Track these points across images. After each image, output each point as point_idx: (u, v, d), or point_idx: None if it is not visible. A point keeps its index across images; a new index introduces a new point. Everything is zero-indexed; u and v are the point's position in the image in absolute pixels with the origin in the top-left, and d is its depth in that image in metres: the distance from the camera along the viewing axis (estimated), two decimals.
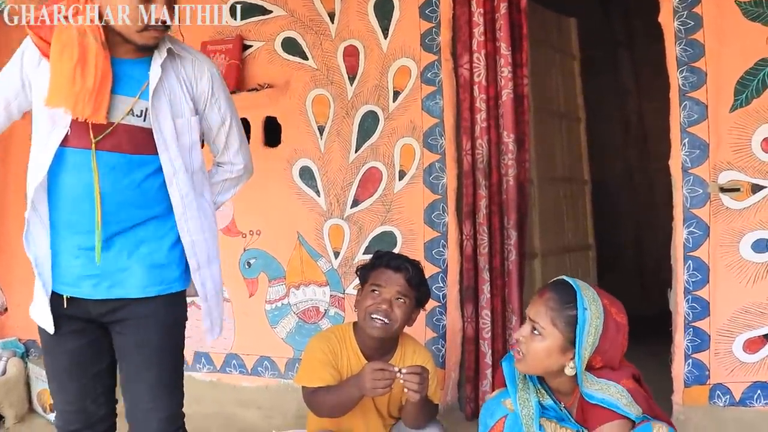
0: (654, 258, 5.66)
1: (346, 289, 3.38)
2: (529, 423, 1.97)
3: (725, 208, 2.91)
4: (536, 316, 1.94)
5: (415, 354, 2.58)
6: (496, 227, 3.08)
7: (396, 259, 2.52)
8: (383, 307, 2.43)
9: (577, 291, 1.92)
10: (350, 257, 3.35)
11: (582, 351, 1.88)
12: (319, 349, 2.51)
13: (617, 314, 1.93)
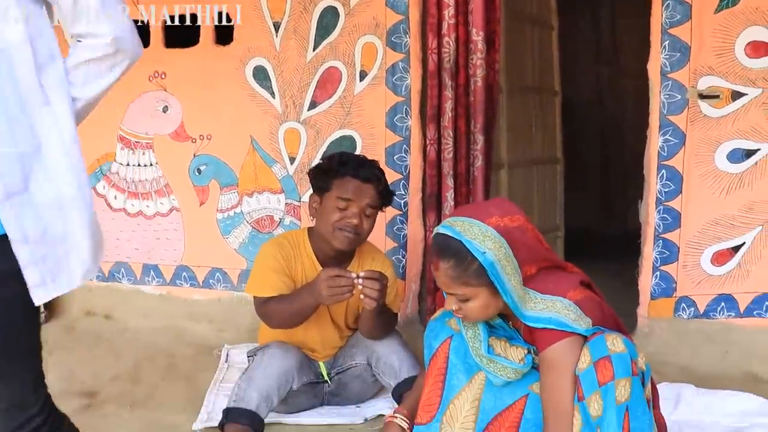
0: (620, 177, 5.54)
1: (302, 197, 3.15)
2: (477, 344, 1.80)
3: (703, 115, 2.73)
4: (450, 288, 1.71)
5: (374, 261, 2.39)
6: (462, 131, 2.86)
7: (363, 166, 2.29)
8: (353, 222, 2.22)
9: (463, 241, 1.66)
10: (307, 163, 3.10)
11: (508, 288, 1.67)
12: (272, 256, 2.30)
13: (511, 221, 1.69)
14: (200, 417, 2.38)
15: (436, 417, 1.85)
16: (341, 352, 2.46)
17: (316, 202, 2.31)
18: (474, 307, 1.73)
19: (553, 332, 1.68)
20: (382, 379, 2.36)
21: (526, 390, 1.80)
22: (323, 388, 2.44)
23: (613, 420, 1.61)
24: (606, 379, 1.62)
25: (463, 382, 1.84)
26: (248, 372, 2.20)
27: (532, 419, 1.78)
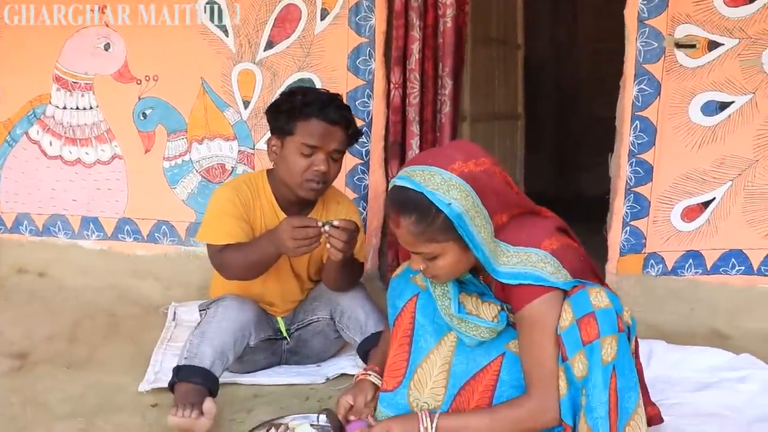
0: (574, 139, 5.47)
1: (256, 144, 2.91)
2: (446, 303, 1.62)
3: (679, 65, 2.61)
4: (414, 247, 1.52)
5: (339, 205, 2.19)
6: (429, 75, 2.67)
7: (329, 105, 2.02)
8: (321, 170, 2.00)
9: (425, 192, 1.45)
10: (262, 107, 2.84)
11: (478, 241, 1.49)
12: (228, 200, 2.07)
13: (476, 165, 1.49)
14: (146, 377, 2.16)
15: (403, 383, 1.68)
16: (301, 306, 2.26)
17: (276, 145, 2.07)
18: (443, 266, 1.54)
19: (530, 288, 1.50)
20: (346, 335, 2.18)
21: (501, 349, 1.64)
22: (281, 346, 2.24)
23: (599, 381, 1.46)
24: (591, 337, 1.46)
25: (431, 344, 1.67)
26: (201, 326, 1.99)
27: (509, 381, 1.62)
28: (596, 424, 1.46)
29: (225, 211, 2.05)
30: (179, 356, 1.95)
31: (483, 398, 1.64)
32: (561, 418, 1.50)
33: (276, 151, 2.07)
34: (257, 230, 2.10)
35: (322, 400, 2.09)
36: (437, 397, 1.66)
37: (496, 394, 1.63)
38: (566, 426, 1.50)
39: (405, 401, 1.67)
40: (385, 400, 1.69)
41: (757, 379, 2.16)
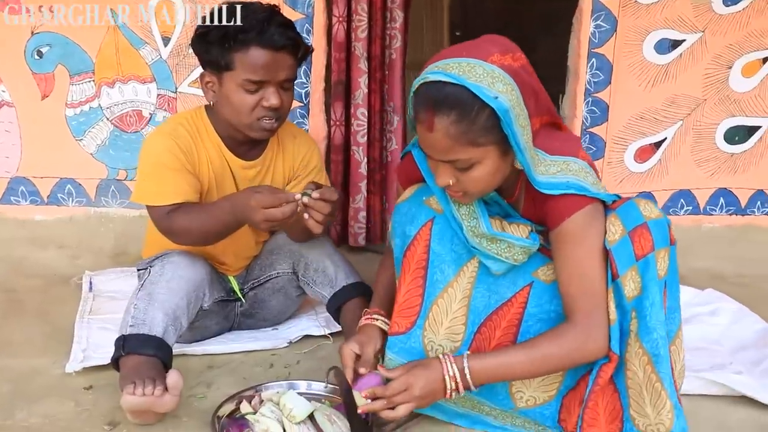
0: None
1: (179, 87, 2.52)
2: (473, 222, 1.38)
3: (634, 1, 2.48)
4: (450, 153, 1.27)
5: (296, 140, 1.86)
6: (378, 6, 2.39)
7: (269, 27, 1.62)
8: (273, 104, 1.65)
9: (467, 85, 1.21)
10: (185, 44, 2.46)
11: (521, 142, 1.26)
12: (166, 150, 1.68)
13: (513, 59, 1.26)
14: (73, 356, 1.76)
15: (417, 323, 1.42)
16: (256, 261, 1.94)
17: (212, 82, 1.70)
18: (478, 177, 1.29)
19: (572, 198, 1.31)
20: (312, 290, 1.88)
21: (529, 278, 1.43)
22: (234, 308, 1.92)
23: (657, 298, 1.29)
24: (645, 250, 1.30)
25: (449, 275, 1.42)
26: (146, 287, 1.62)
27: (536, 314, 1.42)
28: (656, 346, 1.29)
29: (164, 163, 1.67)
30: (122, 324, 1.59)
31: (506, 335, 1.43)
32: (609, 347, 1.32)
33: (213, 89, 1.70)
34: (205, 181, 1.75)
35: (290, 366, 1.80)
36: (455, 337, 1.42)
37: (522, 329, 1.42)
38: (613, 356, 1.32)
39: (419, 345, 1.42)
40: (396, 344, 1.43)
41: (726, 312, 2.16)
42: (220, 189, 1.77)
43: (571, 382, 1.41)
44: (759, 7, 2.56)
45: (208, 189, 1.76)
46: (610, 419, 1.35)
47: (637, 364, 1.31)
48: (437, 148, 1.28)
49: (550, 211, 1.34)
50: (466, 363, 1.31)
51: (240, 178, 1.79)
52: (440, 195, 1.42)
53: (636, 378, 1.32)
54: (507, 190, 1.42)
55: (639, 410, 1.32)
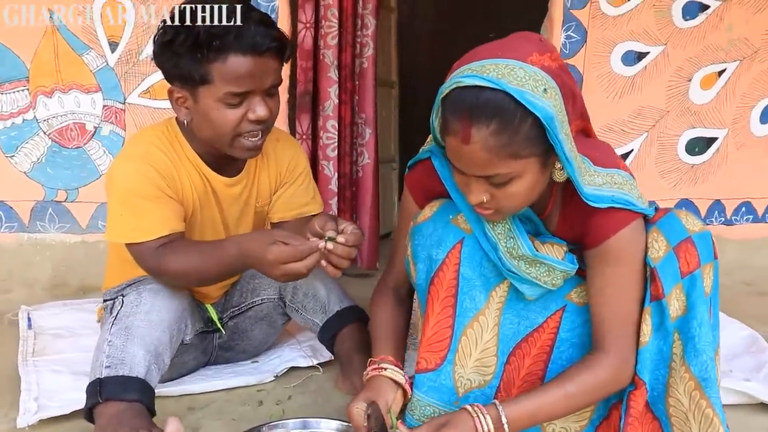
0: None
1: (128, 97, 2.26)
2: (510, 243, 1.22)
3: (602, 13, 2.46)
4: (486, 169, 1.10)
5: (278, 143, 1.62)
6: (349, 11, 2.24)
7: (247, 28, 1.36)
8: (260, 116, 1.40)
9: (509, 90, 1.05)
10: (135, 50, 2.22)
11: (567, 152, 1.11)
12: (143, 178, 1.41)
13: (551, 59, 1.12)
14: (24, 407, 1.46)
15: (448, 357, 1.25)
16: (235, 287, 1.71)
17: (184, 98, 1.42)
18: (516, 193, 1.12)
19: (619, 214, 1.16)
20: (302, 317, 1.67)
21: (562, 301, 1.28)
22: (213, 340, 1.69)
23: (705, 317, 1.18)
24: (691, 267, 1.18)
25: (480, 302, 1.26)
26: (121, 321, 1.37)
27: (568, 338, 1.28)
28: (705, 369, 1.17)
29: (142, 193, 1.40)
30: (93, 366, 1.33)
31: (536, 363, 1.28)
32: (636, 373, 1.19)
33: (187, 105, 1.43)
34: (189, 205, 1.50)
35: (282, 402, 1.58)
36: (486, 370, 1.26)
37: (554, 356, 1.28)
38: (640, 383, 1.20)
39: (450, 381, 1.25)
40: (425, 383, 1.25)
41: None
42: (204, 211, 1.54)
43: (603, 411, 1.28)
44: (714, 22, 2.60)
45: (192, 213, 1.52)
46: None
47: (682, 390, 1.19)
48: (473, 162, 1.09)
49: (593, 227, 1.19)
50: (502, 413, 1.14)
51: (224, 196, 1.56)
52: (468, 212, 1.26)
53: (680, 406, 1.20)
54: (539, 205, 1.26)
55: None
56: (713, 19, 2.59)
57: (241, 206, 1.60)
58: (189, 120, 1.45)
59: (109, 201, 1.46)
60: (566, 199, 1.23)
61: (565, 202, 1.24)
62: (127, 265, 1.51)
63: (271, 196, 1.64)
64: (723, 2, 2.59)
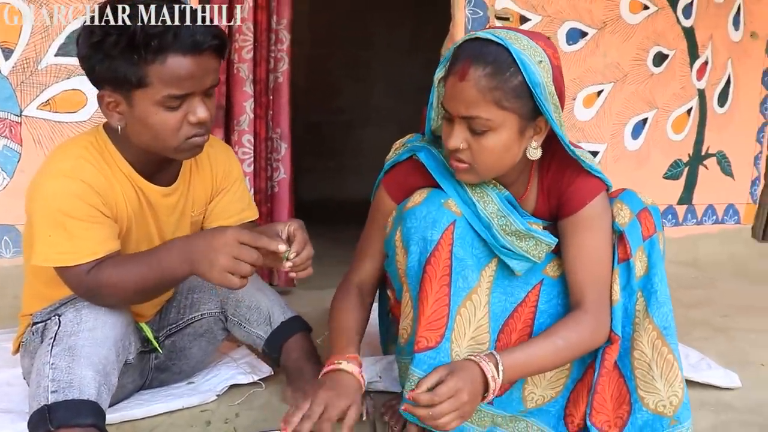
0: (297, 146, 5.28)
1: (24, 109, 2.06)
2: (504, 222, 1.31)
3: None
4: (471, 107, 1.20)
5: (211, 149, 1.52)
6: (264, 26, 2.20)
7: (186, 27, 1.25)
8: (202, 118, 1.31)
9: (511, 49, 1.19)
10: (33, 58, 2.03)
11: (552, 114, 1.23)
12: (74, 197, 1.28)
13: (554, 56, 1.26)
14: None
15: (446, 335, 1.28)
16: (171, 304, 1.60)
17: (116, 102, 1.31)
18: (491, 146, 1.23)
19: (595, 182, 1.33)
20: (244, 331, 1.59)
21: (540, 275, 1.40)
22: (149, 361, 1.57)
23: (664, 274, 1.33)
24: (650, 232, 1.34)
25: (473, 281, 1.32)
26: (62, 341, 1.23)
27: (546, 310, 1.40)
28: (666, 318, 1.32)
29: (73, 214, 1.27)
30: (35, 393, 1.19)
31: (522, 337, 1.38)
32: (612, 329, 1.33)
33: (120, 110, 1.31)
34: (123, 221, 1.39)
35: (230, 421, 1.51)
36: (480, 348, 1.31)
37: (535, 328, 1.38)
38: (615, 337, 1.33)
39: (449, 358, 1.27)
40: (425, 361, 1.26)
41: None
42: (139, 226, 1.43)
43: (577, 374, 1.39)
44: (592, 48, 2.85)
45: (126, 229, 1.41)
46: (617, 405, 1.35)
47: (646, 341, 1.33)
48: (462, 99, 1.20)
49: (570, 196, 1.33)
50: (499, 360, 1.21)
51: (160, 207, 1.46)
52: (458, 197, 1.33)
53: (643, 357, 1.33)
54: (517, 187, 1.37)
55: (648, 389, 1.33)
56: (591, 44, 2.84)
57: (177, 217, 1.51)
58: (123, 126, 1.33)
59: (34, 222, 1.31)
60: (542, 177, 1.37)
61: (542, 179, 1.37)
62: (50, 287, 1.37)
63: (206, 205, 1.57)
64: (599, 30, 2.85)
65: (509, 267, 1.35)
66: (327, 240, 1.30)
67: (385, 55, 5.41)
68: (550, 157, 1.33)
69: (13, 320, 1.74)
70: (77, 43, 1.29)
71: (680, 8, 2.98)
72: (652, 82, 3.00)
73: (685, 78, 3.07)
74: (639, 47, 2.94)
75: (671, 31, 2.99)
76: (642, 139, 3.04)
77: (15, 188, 2.06)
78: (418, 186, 1.36)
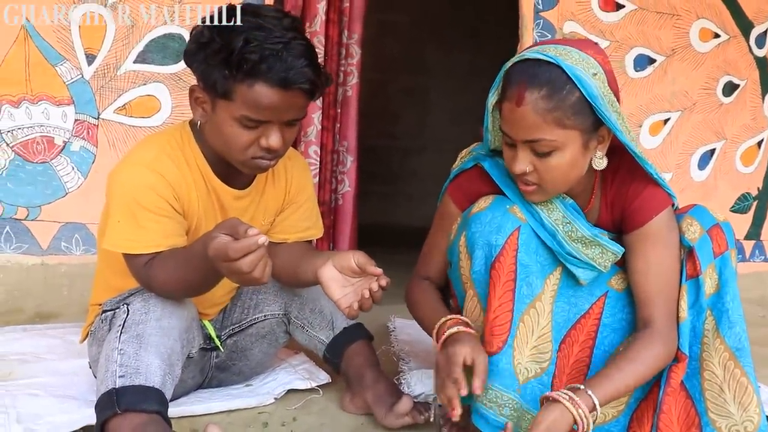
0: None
1: (102, 113, 2.13)
2: (569, 229, 1.29)
3: None
4: (532, 131, 1.18)
5: (289, 161, 1.53)
6: (335, 40, 2.23)
7: (282, 59, 1.25)
8: (273, 146, 1.31)
9: (563, 65, 1.16)
10: (113, 64, 2.10)
11: (615, 123, 1.20)
12: (149, 189, 1.30)
13: (604, 61, 1.24)
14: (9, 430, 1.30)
15: (508, 341, 1.24)
16: (235, 303, 1.59)
17: (205, 102, 1.33)
18: (556, 165, 1.21)
19: (662, 196, 1.28)
20: (306, 335, 1.57)
21: (604, 287, 1.35)
22: (210, 359, 1.56)
23: (737, 292, 1.27)
24: (722, 249, 1.28)
25: (537, 289, 1.29)
26: (131, 329, 1.23)
27: (610, 324, 1.34)
28: (739, 339, 1.25)
29: (145, 204, 1.29)
30: (103, 377, 1.19)
31: (584, 350, 1.33)
32: (678, 347, 1.26)
33: (204, 107, 1.34)
34: (193, 217, 1.39)
35: (287, 424, 1.48)
36: (542, 357, 1.27)
37: (597, 342, 1.33)
38: (682, 356, 1.27)
39: (510, 366, 1.24)
40: (489, 366, 1.23)
41: None
42: (209, 224, 1.41)
43: (641, 393, 1.33)
44: (658, 75, 2.79)
45: (195, 227, 1.41)
46: (685, 427, 1.28)
47: (717, 362, 1.26)
48: (522, 125, 1.18)
49: (639, 208, 1.28)
50: (596, 403, 1.15)
51: (230, 209, 1.46)
52: (522, 205, 1.31)
53: (714, 378, 1.26)
54: (582, 198, 1.34)
55: (720, 412, 1.25)
56: (659, 71, 2.78)
57: (246, 221, 1.49)
58: (203, 122, 1.37)
59: (111, 205, 1.34)
60: (606, 188, 1.33)
61: (605, 191, 1.33)
62: (120, 277, 1.38)
63: (276, 216, 1.57)
64: (667, 57, 2.79)
65: (574, 276, 1.32)
66: (382, 262, 1.32)
67: (443, 81, 5.43)
68: (615, 168, 1.31)
69: (79, 316, 1.78)
70: (191, 35, 1.33)
71: (753, 37, 2.90)
72: (721, 111, 2.91)
73: (757, 109, 2.97)
74: (708, 76, 2.86)
75: (743, 60, 2.90)
76: (709, 170, 2.94)
77: (88, 188, 2.11)
78: (482, 193, 1.35)
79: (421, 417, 1.39)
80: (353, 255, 1.30)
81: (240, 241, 1.09)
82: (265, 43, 1.25)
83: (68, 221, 2.11)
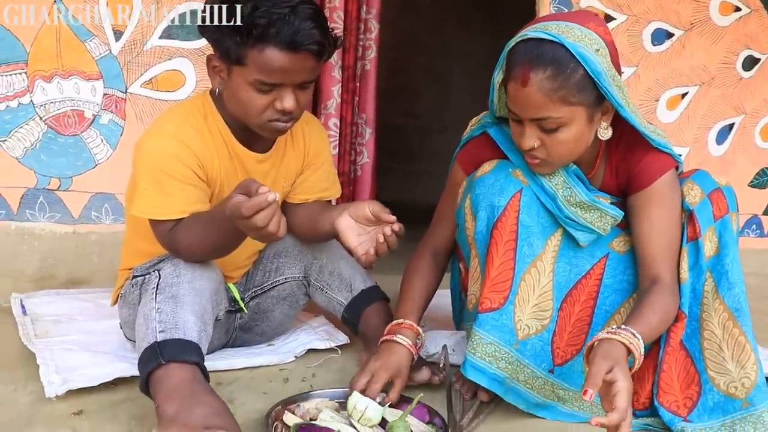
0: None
1: (129, 87, 2.20)
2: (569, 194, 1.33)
3: None
4: (539, 110, 1.22)
5: (307, 126, 1.60)
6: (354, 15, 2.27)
7: (291, 22, 1.31)
8: (287, 107, 1.37)
9: (565, 43, 1.19)
10: (140, 40, 2.17)
11: (618, 99, 1.24)
12: (174, 157, 1.37)
13: (605, 33, 1.27)
14: (47, 380, 1.37)
15: (509, 298, 1.30)
16: (257, 266, 1.67)
17: (222, 70, 1.40)
18: (564, 140, 1.25)
19: (664, 159, 1.32)
20: (326, 297, 1.64)
21: (605, 249, 1.40)
22: (234, 321, 1.64)
23: (736, 254, 1.31)
24: (722, 212, 1.34)
25: (537, 249, 1.34)
26: (165, 290, 1.29)
27: (611, 285, 1.39)
28: (738, 300, 1.29)
29: (170, 172, 1.36)
30: (144, 334, 1.24)
31: (585, 310, 1.37)
32: (679, 306, 1.30)
33: (221, 75, 1.41)
34: (216, 183, 1.46)
35: (307, 380, 1.55)
36: (543, 315, 1.33)
37: (598, 302, 1.38)
38: (681, 315, 1.31)
39: (511, 322, 1.30)
40: (488, 322, 1.29)
41: None
42: (231, 189, 1.49)
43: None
44: (677, 49, 2.79)
45: (219, 191, 1.48)
46: (685, 385, 1.32)
47: (716, 322, 1.30)
48: (529, 104, 1.22)
49: (640, 171, 1.32)
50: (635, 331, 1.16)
51: (253, 173, 1.52)
52: (525, 168, 1.36)
53: (714, 338, 1.30)
54: (587, 163, 1.39)
55: (718, 369, 1.29)
56: (677, 46, 2.78)
57: (269, 184, 1.56)
58: (221, 90, 1.44)
59: (136, 174, 1.42)
60: (611, 152, 1.37)
61: (610, 155, 1.37)
62: (148, 243, 1.45)
63: (296, 177, 1.63)
64: (686, 31, 2.78)
65: (574, 238, 1.37)
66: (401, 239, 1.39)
67: (465, 63, 5.42)
68: (619, 135, 1.34)
69: (109, 282, 1.86)
70: (203, 7, 1.39)
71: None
72: (740, 86, 2.90)
73: None
74: (728, 50, 2.85)
75: (764, 34, 2.88)
76: (727, 145, 2.93)
77: (117, 160, 2.19)
78: (487, 158, 1.41)
79: (435, 378, 1.45)
80: (368, 204, 1.36)
81: (252, 198, 1.15)
82: (273, 8, 1.31)
83: (98, 191, 2.20)
